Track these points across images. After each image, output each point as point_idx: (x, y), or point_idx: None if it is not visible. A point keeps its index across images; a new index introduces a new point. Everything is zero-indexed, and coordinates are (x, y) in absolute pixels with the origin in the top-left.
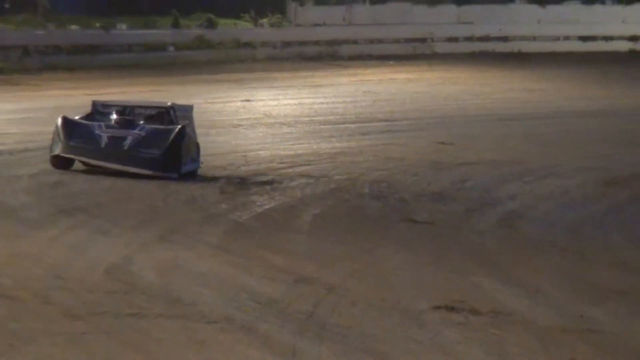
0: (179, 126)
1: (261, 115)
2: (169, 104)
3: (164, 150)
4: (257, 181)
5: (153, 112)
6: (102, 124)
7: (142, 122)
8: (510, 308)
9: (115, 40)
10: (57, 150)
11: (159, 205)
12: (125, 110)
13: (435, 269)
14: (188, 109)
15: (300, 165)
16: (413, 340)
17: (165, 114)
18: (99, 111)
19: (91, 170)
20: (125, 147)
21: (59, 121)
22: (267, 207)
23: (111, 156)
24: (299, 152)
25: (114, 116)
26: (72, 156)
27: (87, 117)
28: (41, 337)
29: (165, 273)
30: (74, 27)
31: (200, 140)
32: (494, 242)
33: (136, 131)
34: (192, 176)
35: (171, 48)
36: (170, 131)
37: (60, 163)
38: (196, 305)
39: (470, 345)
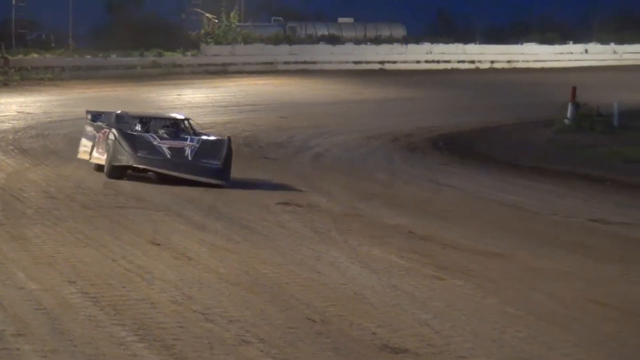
0: (227, 138)
1: (186, 102)
2: (183, 116)
3: (223, 160)
4: None
5: (169, 122)
6: (154, 135)
7: (185, 133)
8: (317, 203)
9: (109, 63)
10: (130, 162)
11: None
12: (147, 121)
13: (278, 182)
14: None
15: (206, 129)
16: (266, 220)
17: (181, 124)
18: (124, 120)
19: None
20: (189, 158)
21: (116, 133)
22: None
23: (179, 166)
24: (206, 122)
25: (138, 126)
26: (145, 166)
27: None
28: (70, 218)
29: (136, 185)
30: (88, 56)
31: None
32: (308, 169)
33: (188, 142)
34: None
35: (139, 67)
36: (221, 143)
37: (117, 174)
38: (152, 202)
39: (296, 222)
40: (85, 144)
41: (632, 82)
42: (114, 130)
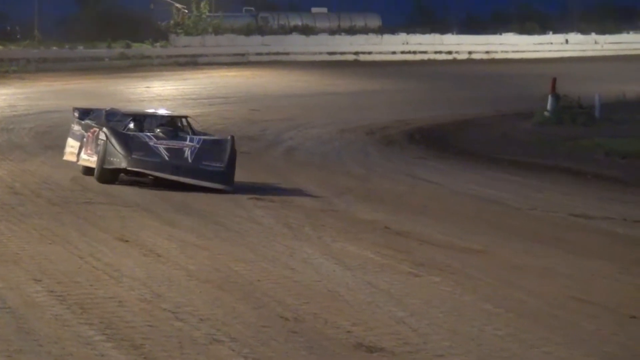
0: (230, 137)
1: (155, 95)
2: (177, 113)
3: (227, 163)
4: None
5: (165, 120)
6: (150, 134)
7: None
8: (291, 198)
9: (77, 55)
10: (123, 164)
11: None
12: (141, 119)
13: (250, 178)
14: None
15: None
16: (238, 215)
17: (178, 122)
18: (115, 118)
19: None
20: (189, 160)
21: (108, 133)
22: None
23: (178, 169)
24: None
25: (132, 125)
26: (140, 170)
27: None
28: (35, 215)
29: None
30: (54, 47)
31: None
32: (281, 163)
33: (188, 142)
34: None
35: (107, 59)
36: (223, 143)
37: (108, 177)
38: (120, 198)
39: (269, 218)
40: (72, 144)
41: (613, 73)
42: (105, 129)
